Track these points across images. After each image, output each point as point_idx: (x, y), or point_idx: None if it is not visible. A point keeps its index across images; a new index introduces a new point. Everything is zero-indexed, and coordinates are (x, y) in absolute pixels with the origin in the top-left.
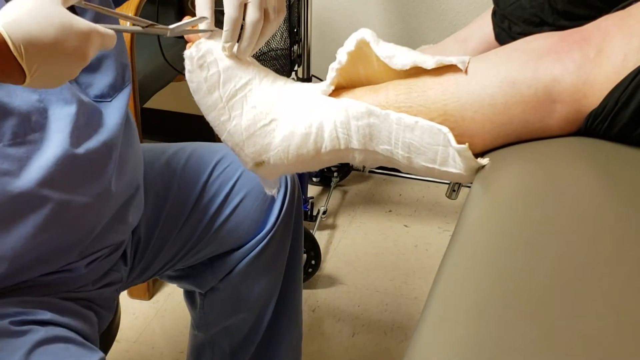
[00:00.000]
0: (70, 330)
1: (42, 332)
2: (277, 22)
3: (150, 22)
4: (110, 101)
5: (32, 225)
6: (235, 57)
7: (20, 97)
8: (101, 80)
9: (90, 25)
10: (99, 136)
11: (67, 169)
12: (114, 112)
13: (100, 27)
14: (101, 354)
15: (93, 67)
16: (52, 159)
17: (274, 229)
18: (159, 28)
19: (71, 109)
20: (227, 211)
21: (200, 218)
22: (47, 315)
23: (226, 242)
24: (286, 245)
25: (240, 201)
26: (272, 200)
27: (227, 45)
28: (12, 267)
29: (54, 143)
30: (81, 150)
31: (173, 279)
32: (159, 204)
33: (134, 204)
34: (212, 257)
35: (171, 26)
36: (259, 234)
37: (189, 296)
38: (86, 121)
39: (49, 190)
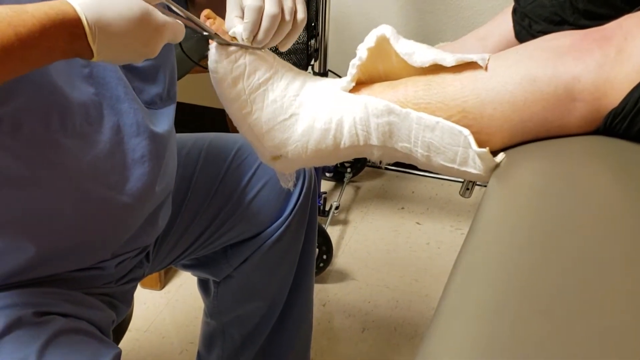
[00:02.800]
0: (89, 324)
1: (62, 323)
2: (295, 25)
3: (215, 32)
4: (156, 109)
5: (73, 218)
6: (261, 51)
7: (79, 89)
8: (152, 90)
9: (165, 19)
10: (149, 138)
11: (115, 166)
12: (163, 118)
13: (172, 21)
14: (118, 349)
15: (147, 77)
16: (102, 155)
17: (290, 218)
18: (220, 39)
19: (123, 106)
20: (246, 200)
21: (220, 207)
22: (68, 308)
23: (245, 230)
24: (301, 236)
25: (260, 190)
26: (289, 190)
27: (247, 37)
28: (40, 254)
29: (105, 138)
30: (130, 149)
31: (188, 267)
32: (180, 194)
33: (164, 208)
34: (227, 246)
35: (233, 42)
36: (275, 222)
37: (203, 284)
38: (137, 121)
39: (94, 185)
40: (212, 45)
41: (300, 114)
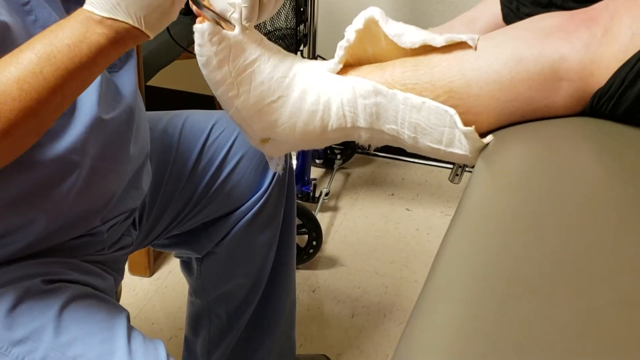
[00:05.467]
0: (95, 289)
1: (72, 290)
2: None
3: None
4: (118, 71)
5: (65, 191)
6: (247, 33)
7: None
8: None
9: None
10: (120, 103)
11: (95, 136)
12: (127, 79)
13: None
14: (127, 311)
15: None
16: (82, 127)
17: (268, 191)
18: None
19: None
20: (224, 173)
21: (200, 181)
22: (73, 275)
23: (224, 204)
24: (280, 209)
25: (237, 163)
26: (267, 163)
27: (249, 22)
28: (48, 228)
29: (84, 111)
30: (107, 116)
31: (170, 246)
32: (160, 169)
33: (145, 170)
34: (208, 221)
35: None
36: (254, 195)
37: (186, 265)
38: (108, 89)
39: (79, 157)
40: (196, 28)
41: (288, 96)
